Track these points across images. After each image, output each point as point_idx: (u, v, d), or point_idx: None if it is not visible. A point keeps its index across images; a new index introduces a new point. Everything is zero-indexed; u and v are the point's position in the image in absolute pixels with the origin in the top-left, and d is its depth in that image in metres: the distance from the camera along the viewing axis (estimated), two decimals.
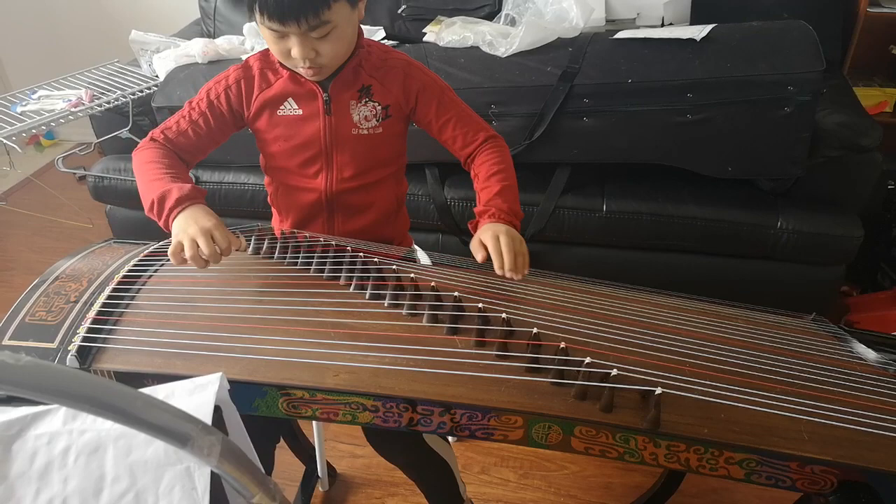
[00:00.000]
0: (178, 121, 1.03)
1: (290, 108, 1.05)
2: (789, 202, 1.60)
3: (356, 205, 1.11)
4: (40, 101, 1.85)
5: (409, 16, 2.06)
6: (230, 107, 1.05)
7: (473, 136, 1.07)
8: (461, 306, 0.83)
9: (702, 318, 0.93)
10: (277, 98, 1.04)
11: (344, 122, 1.05)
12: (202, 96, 1.05)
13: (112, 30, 2.70)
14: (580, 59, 1.58)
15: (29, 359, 0.37)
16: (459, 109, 1.09)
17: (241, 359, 0.77)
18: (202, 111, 1.04)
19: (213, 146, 1.07)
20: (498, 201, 0.98)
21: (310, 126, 1.05)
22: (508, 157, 1.07)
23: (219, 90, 1.04)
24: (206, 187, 1.83)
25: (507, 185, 1.01)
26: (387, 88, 1.05)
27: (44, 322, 0.83)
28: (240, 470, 0.45)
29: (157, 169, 0.95)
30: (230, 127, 1.07)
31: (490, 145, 1.07)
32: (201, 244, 0.83)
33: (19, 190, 2.83)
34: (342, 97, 1.04)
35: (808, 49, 1.48)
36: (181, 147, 1.03)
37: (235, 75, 1.05)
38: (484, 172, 1.04)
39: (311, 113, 1.04)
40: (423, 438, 1.09)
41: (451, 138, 1.08)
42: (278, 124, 1.06)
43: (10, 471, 0.53)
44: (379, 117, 1.05)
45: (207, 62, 1.85)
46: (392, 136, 1.08)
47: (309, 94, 1.04)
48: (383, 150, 1.09)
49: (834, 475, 0.70)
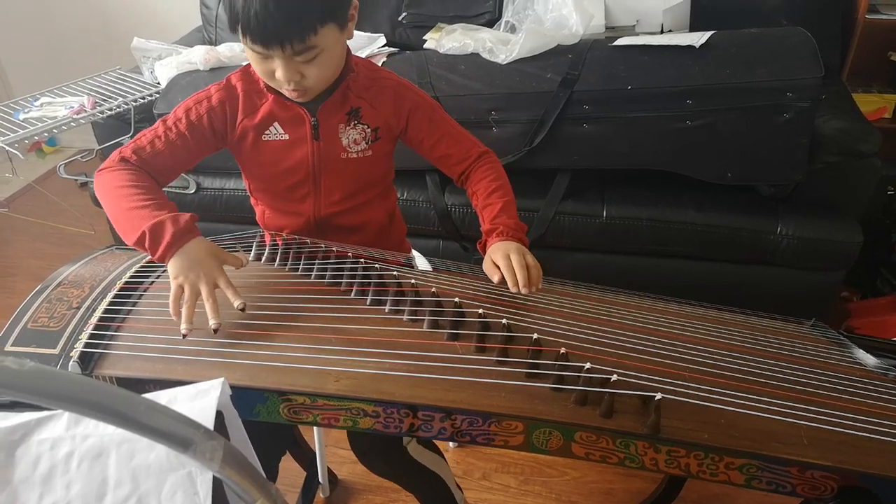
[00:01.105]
0: (153, 140, 0.96)
1: (276, 133, 1.00)
2: (789, 208, 1.60)
3: (347, 226, 1.10)
4: (43, 108, 1.85)
5: (409, 23, 2.07)
6: (213, 129, 0.99)
7: (466, 154, 1.07)
8: (462, 312, 0.84)
9: (701, 323, 0.93)
10: (263, 123, 1.00)
11: (332, 147, 1.02)
12: (180, 116, 0.98)
13: (114, 37, 2.71)
14: (580, 66, 1.58)
15: (33, 364, 0.37)
16: (450, 127, 1.08)
17: (242, 364, 0.77)
18: (181, 132, 0.97)
19: (189, 167, 1.03)
20: (503, 218, 0.99)
21: (297, 151, 1.02)
22: (503, 172, 1.07)
23: (201, 111, 0.98)
24: (207, 194, 1.84)
25: (507, 201, 1.02)
26: (376, 110, 1.03)
27: (46, 328, 0.83)
28: (241, 475, 0.45)
29: (137, 195, 0.88)
30: (210, 148, 1.01)
31: (483, 162, 1.07)
32: (207, 302, 0.80)
33: (21, 196, 2.83)
34: (330, 121, 1.00)
35: (807, 56, 1.49)
36: (155, 168, 0.96)
37: (219, 96, 0.99)
38: (482, 190, 1.04)
39: (298, 138, 1.01)
40: (407, 452, 1.07)
41: (443, 156, 1.08)
42: (264, 150, 1.02)
43: (14, 476, 0.53)
44: (368, 140, 1.03)
45: (209, 69, 1.86)
46: (381, 156, 1.06)
47: (296, 119, 1.00)
48: (372, 171, 1.07)
49: (834, 480, 0.70)
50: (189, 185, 1.84)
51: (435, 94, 1.60)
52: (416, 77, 1.64)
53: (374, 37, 1.98)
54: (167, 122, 0.99)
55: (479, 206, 1.04)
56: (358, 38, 1.93)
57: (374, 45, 1.94)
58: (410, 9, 2.07)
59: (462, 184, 1.10)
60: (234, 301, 0.82)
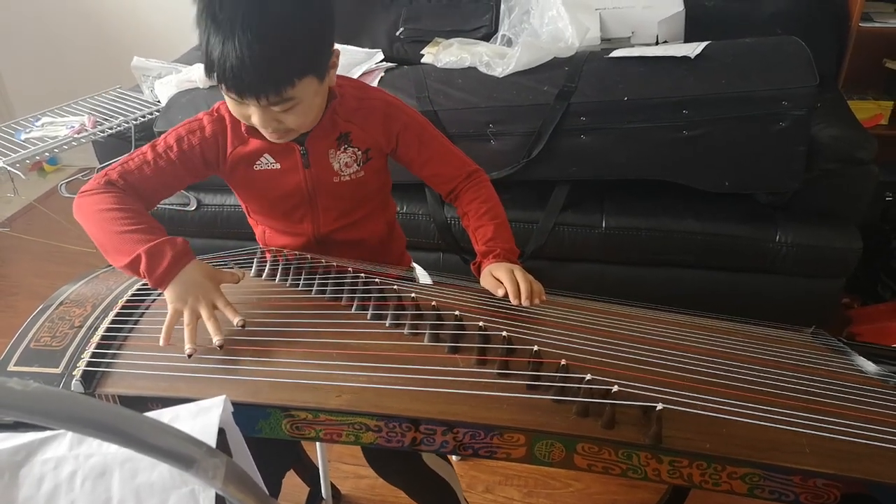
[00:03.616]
0: (141, 166, 0.95)
1: (268, 163, 1.00)
2: (788, 215, 1.61)
3: (347, 241, 1.10)
4: (44, 128, 1.87)
5: (407, 38, 2.09)
6: (204, 159, 0.99)
7: (455, 173, 1.08)
8: (462, 325, 0.84)
9: (702, 332, 0.93)
10: (253, 154, 1.00)
11: (324, 173, 1.02)
12: (171, 143, 0.97)
13: (114, 56, 2.73)
14: (576, 78, 1.60)
15: (37, 385, 0.37)
16: (440, 145, 1.08)
17: (244, 381, 0.77)
18: (171, 160, 0.96)
19: (173, 192, 1.02)
20: (498, 241, 1.01)
21: (289, 179, 1.01)
22: (493, 193, 1.08)
23: (193, 141, 0.98)
24: (208, 211, 1.85)
25: (499, 223, 1.03)
26: (366, 132, 1.02)
27: (48, 347, 0.83)
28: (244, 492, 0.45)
29: (125, 218, 0.88)
30: (199, 177, 1.01)
31: (474, 181, 1.08)
32: (207, 323, 0.80)
33: (23, 216, 2.84)
34: (319, 148, 1.00)
35: (802, 64, 1.50)
36: (142, 192, 0.95)
37: (211, 128, 0.98)
38: (474, 211, 1.05)
39: (290, 167, 1.00)
40: (421, 459, 1.08)
41: (433, 175, 1.09)
42: (256, 179, 1.02)
43: (18, 496, 0.53)
44: (360, 161, 1.03)
45: (209, 87, 1.87)
46: (374, 173, 1.06)
47: (285, 149, 0.99)
48: (366, 189, 1.07)
49: (837, 488, 0.70)
50: (190, 202, 1.84)
51: (433, 107, 1.61)
52: (414, 91, 1.65)
53: (372, 52, 2.00)
54: (157, 149, 0.97)
55: (472, 227, 1.05)
56: (355, 54, 1.95)
57: (371, 60, 1.95)
58: (408, 24, 2.09)
59: (452, 202, 1.11)
60: (234, 319, 0.82)
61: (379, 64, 1.93)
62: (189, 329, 0.80)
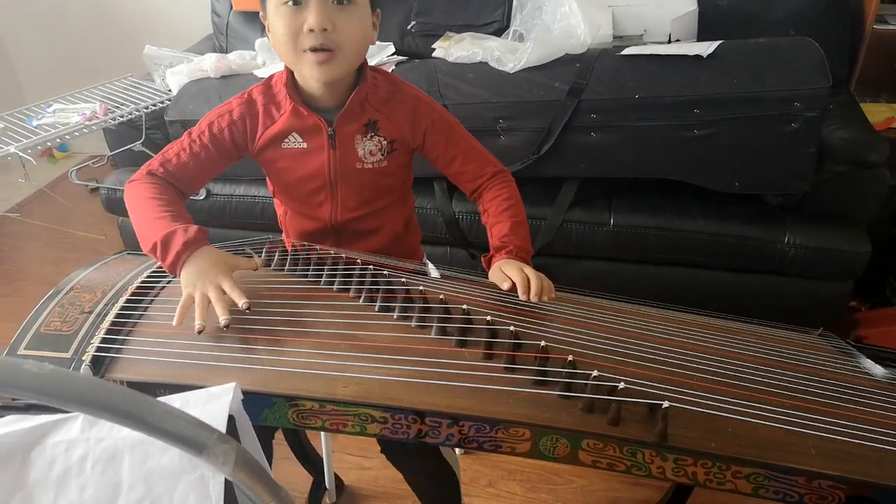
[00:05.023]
0: (179, 153, 1.02)
1: (295, 141, 1.04)
2: (797, 217, 1.60)
3: (363, 231, 1.12)
4: (55, 115, 1.88)
5: (418, 31, 2.09)
6: (233, 141, 1.04)
7: (480, 171, 1.08)
8: (470, 319, 0.84)
9: (709, 332, 0.93)
10: (282, 133, 1.03)
11: (348, 157, 1.04)
12: (203, 129, 1.03)
13: (126, 45, 2.74)
14: (588, 75, 1.59)
15: (52, 367, 0.38)
16: (466, 144, 1.09)
17: (250, 369, 0.78)
18: (204, 144, 1.02)
19: (213, 175, 1.07)
20: (513, 238, 1.01)
21: (315, 159, 1.04)
22: (516, 192, 1.08)
23: (222, 124, 1.03)
24: (217, 200, 1.86)
25: (517, 222, 1.03)
26: (394, 124, 1.04)
27: (59, 332, 0.84)
28: (254, 478, 0.45)
29: (157, 206, 0.94)
30: (232, 158, 1.07)
31: (499, 180, 1.08)
32: (215, 304, 0.82)
33: (33, 201, 2.86)
34: (347, 131, 1.03)
35: (815, 65, 1.49)
36: (181, 179, 1.02)
37: (240, 111, 1.03)
38: (494, 208, 1.05)
39: (316, 146, 1.04)
40: (437, 448, 1.09)
41: (458, 173, 1.09)
42: (283, 157, 1.05)
43: (29, 478, 0.54)
44: (384, 151, 1.05)
45: (220, 77, 1.88)
46: (397, 167, 1.08)
47: (313, 128, 1.02)
48: (388, 180, 1.09)
49: (842, 490, 0.70)
50: (199, 191, 1.85)
51: (443, 102, 1.61)
52: (424, 85, 1.65)
53: (383, 45, 2.00)
54: (192, 135, 1.04)
55: (490, 223, 1.05)
56: None
57: (383, 53, 1.95)
58: (419, 17, 2.08)
59: (476, 199, 1.11)
60: (239, 301, 0.82)
61: (390, 57, 1.93)
62: (200, 309, 0.82)
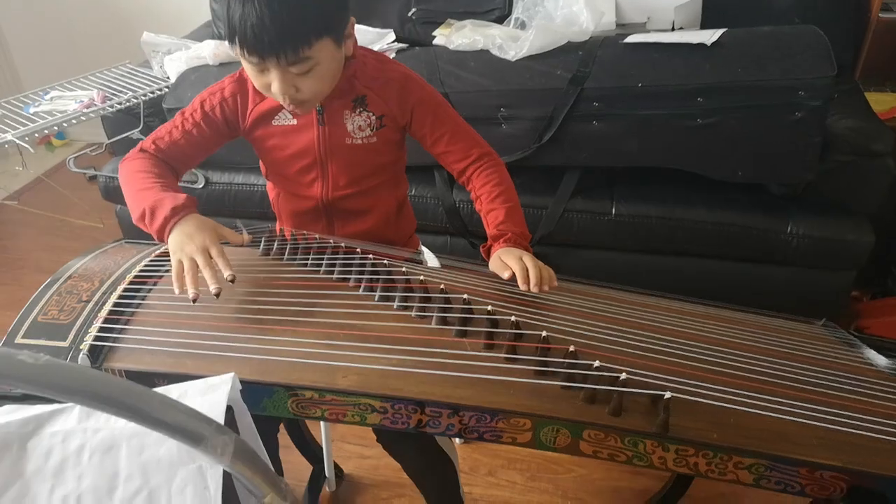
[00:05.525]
0: (171, 130, 1.04)
1: (285, 119, 1.05)
2: (800, 207, 1.59)
3: (354, 210, 1.12)
4: (53, 102, 1.86)
5: (419, 19, 2.07)
6: (225, 118, 1.05)
7: (467, 152, 1.07)
8: (470, 309, 0.83)
9: (711, 322, 0.93)
10: (272, 110, 1.04)
11: (337, 132, 1.05)
12: (196, 107, 1.05)
13: (124, 32, 2.72)
14: (590, 63, 1.58)
15: (48, 358, 0.37)
16: (454, 124, 1.08)
17: (250, 359, 0.77)
18: (196, 121, 1.04)
19: (205, 155, 1.08)
20: (510, 225, 1.00)
21: (304, 136, 1.05)
22: (507, 176, 1.07)
23: (214, 102, 1.04)
24: (215, 188, 1.85)
25: (511, 207, 1.03)
26: (382, 100, 1.04)
27: (56, 321, 0.83)
28: (252, 469, 0.45)
29: (146, 178, 0.96)
30: (224, 137, 1.07)
31: (486, 163, 1.07)
32: (203, 270, 0.82)
33: (31, 189, 2.85)
34: (335, 106, 1.03)
35: (820, 54, 1.48)
36: (173, 157, 1.03)
37: (231, 88, 1.04)
38: (486, 194, 1.04)
39: (305, 123, 1.04)
40: (434, 438, 1.09)
41: (444, 153, 1.09)
42: (273, 134, 1.06)
43: (26, 468, 0.54)
44: (373, 127, 1.05)
45: (218, 64, 1.86)
46: (387, 143, 1.08)
47: None
48: (378, 157, 1.09)
49: (844, 481, 0.70)
50: (198, 179, 1.84)
51: (444, 90, 1.60)
52: (425, 73, 1.64)
53: (384, 32, 1.98)
54: (185, 114, 1.05)
55: (484, 211, 1.05)
56: (367, 34, 1.93)
57: (383, 40, 1.93)
58: (420, 4, 2.06)
59: (465, 184, 1.10)
60: (225, 272, 0.82)
61: (390, 45, 1.91)
62: (190, 276, 0.82)
